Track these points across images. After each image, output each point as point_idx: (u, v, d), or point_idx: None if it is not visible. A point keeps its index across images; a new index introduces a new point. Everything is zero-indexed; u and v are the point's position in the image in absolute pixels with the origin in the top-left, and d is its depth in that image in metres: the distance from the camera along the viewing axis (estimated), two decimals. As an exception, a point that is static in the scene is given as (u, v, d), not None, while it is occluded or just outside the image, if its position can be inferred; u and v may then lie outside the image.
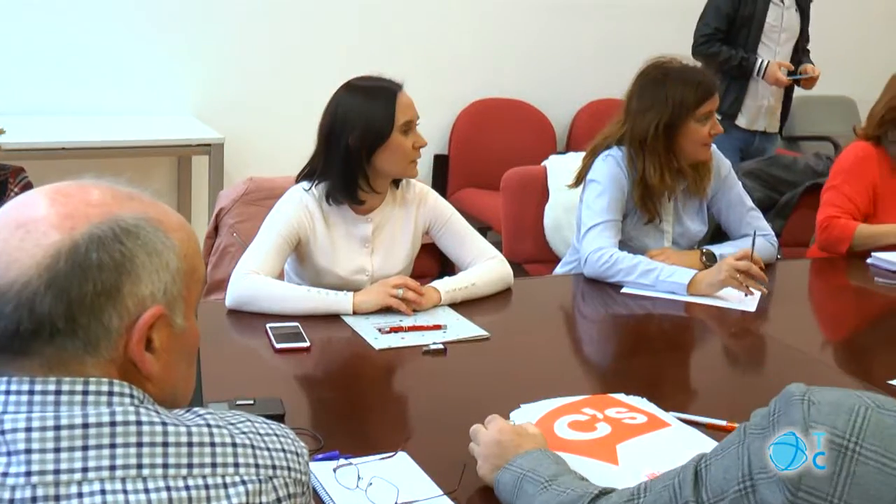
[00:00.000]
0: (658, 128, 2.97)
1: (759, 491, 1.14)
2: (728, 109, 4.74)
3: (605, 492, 1.47)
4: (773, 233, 3.23)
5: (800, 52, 4.97)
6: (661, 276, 2.83)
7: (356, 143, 2.57)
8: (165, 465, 1.03)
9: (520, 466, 1.60)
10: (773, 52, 4.84)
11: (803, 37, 4.97)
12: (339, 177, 2.62)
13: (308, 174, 2.68)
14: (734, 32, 4.80)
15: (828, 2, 6.23)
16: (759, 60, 4.76)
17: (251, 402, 1.94)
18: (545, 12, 5.85)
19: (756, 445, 1.16)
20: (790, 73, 4.83)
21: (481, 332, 2.46)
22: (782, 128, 5.08)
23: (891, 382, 2.29)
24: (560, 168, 3.64)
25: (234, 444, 1.08)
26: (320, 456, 1.76)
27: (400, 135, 2.59)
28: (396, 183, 2.75)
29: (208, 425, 1.08)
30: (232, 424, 1.10)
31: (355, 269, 2.69)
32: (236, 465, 1.07)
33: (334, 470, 1.69)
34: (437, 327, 2.47)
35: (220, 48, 5.25)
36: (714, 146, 3.16)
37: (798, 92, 5.03)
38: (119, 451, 1.01)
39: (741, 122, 4.88)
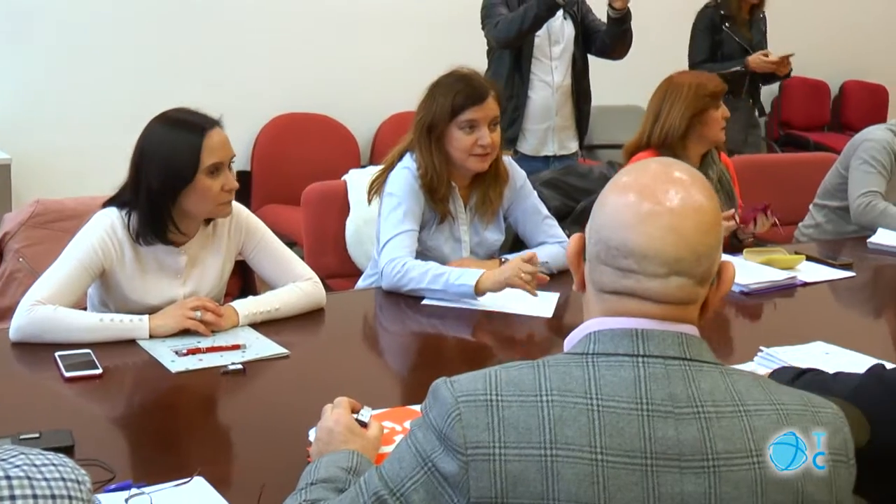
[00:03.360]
0: (422, 127, 3.03)
1: (437, 466, 1.26)
2: (506, 134, 4.16)
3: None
4: (567, 239, 3.32)
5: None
6: (451, 280, 2.85)
7: (158, 185, 2.46)
8: (-68, 508, 0.99)
9: (318, 464, 1.59)
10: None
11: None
12: (145, 217, 2.50)
13: (119, 204, 2.55)
14: None
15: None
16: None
17: (37, 434, 1.86)
18: (344, 26, 5.87)
19: (420, 434, 1.30)
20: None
21: (281, 350, 2.43)
22: (582, 148, 4.73)
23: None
24: (360, 182, 3.65)
25: (9, 477, 1.04)
26: (112, 486, 1.70)
27: (205, 177, 2.47)
28: (209, 220, 2.65)
29: (-22, 463, 1.04)
30: (3, 460, 1.07)
31: (167, 301, 2.58)
32: (12, 497, 1.03)
33: (126, 500, 1.65)
34: (237, 347, 2.43)
35: (2, 64, 5.03)
36: (508, 158, 3.24)
37: (594, 101, 4.90)
38: None
39: (524, 147, 4.54)
